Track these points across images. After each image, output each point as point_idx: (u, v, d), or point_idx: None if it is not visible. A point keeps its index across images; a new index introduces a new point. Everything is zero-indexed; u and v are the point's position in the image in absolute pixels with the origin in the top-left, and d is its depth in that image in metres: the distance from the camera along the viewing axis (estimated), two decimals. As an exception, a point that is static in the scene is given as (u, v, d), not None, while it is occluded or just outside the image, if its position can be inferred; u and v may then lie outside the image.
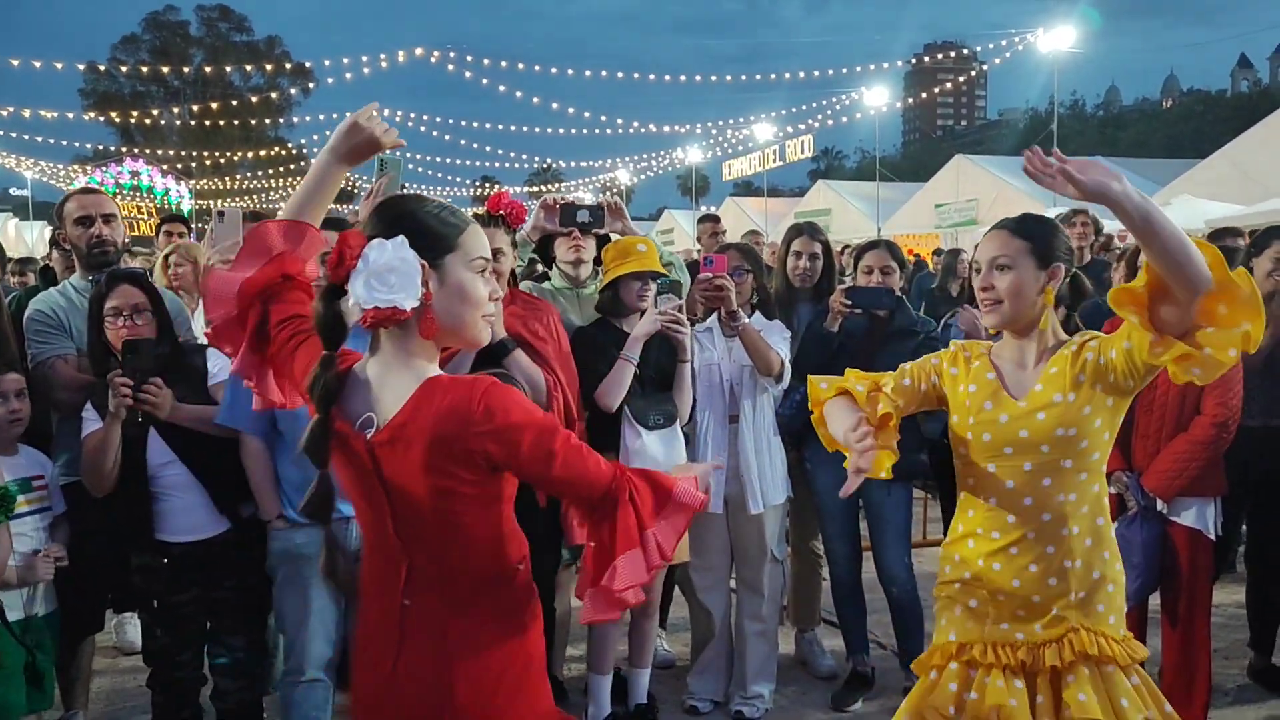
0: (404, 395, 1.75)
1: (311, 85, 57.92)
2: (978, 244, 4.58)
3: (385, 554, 1.84)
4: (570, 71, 32.54)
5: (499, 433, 1.70)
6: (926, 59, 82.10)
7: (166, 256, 5.09)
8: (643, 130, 40.74)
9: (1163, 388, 3.60)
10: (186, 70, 54.66)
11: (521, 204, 3.50)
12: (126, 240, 4.54)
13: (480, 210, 3.52)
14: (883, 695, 4.07)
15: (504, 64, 32.13)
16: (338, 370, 1.78)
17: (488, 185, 56.59)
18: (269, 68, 55.52)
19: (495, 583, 1.86)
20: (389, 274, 1.69)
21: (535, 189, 58.71)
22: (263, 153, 48.25)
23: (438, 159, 44.66)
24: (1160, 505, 3.60)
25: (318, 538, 3.03)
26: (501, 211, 3.42)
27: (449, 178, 48.38)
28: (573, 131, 39.00)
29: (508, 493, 1.85)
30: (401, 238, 1.73)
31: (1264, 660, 4.19)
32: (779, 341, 3.80)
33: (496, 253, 3.40)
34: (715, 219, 7.67)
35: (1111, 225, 14.03)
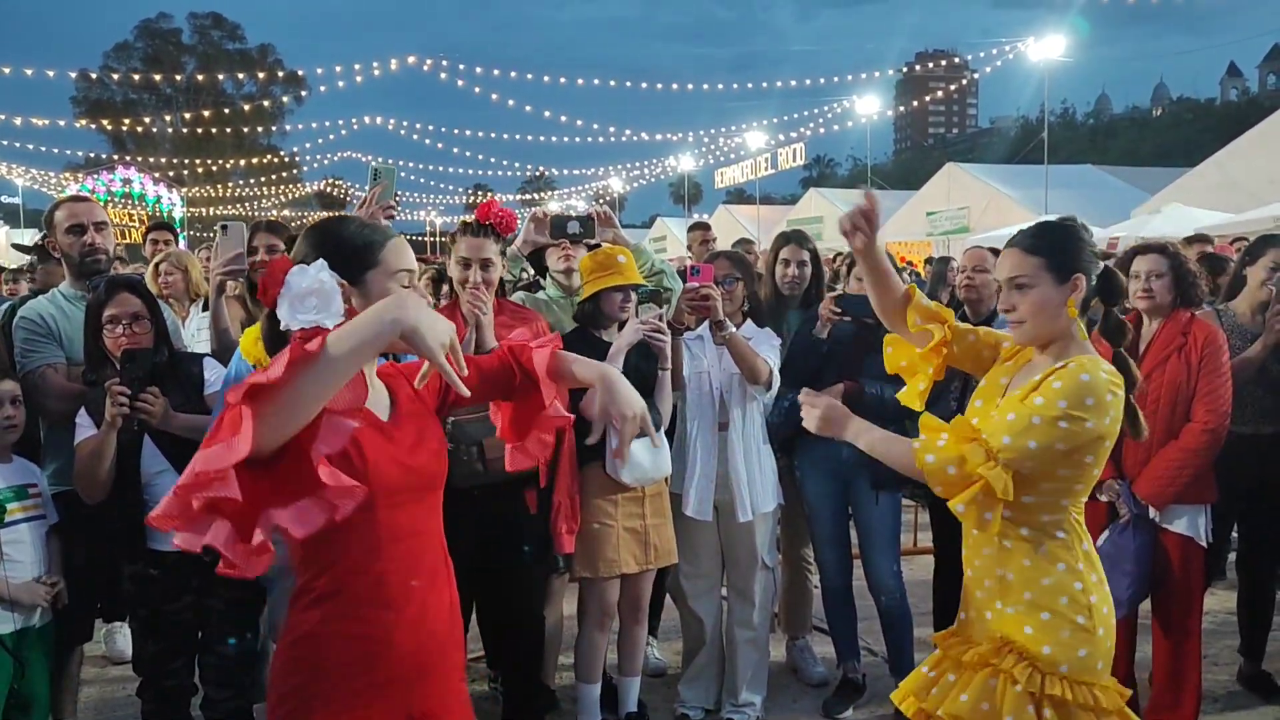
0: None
1: (304, 93, 57.82)
2: (966, 250, 4.60)
3: None
4: (563, 79, 32.67)
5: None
6: (918, 67, 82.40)
7: (157, 265, 5.09)
8: (635, 138, 40.79)
9: (1153, 395, 3.61)
10: (179, 78, 54.64)
11: (512, 212, 3.51)
12: (121, 250, 4.54)
13: (470, 218, 3.53)
14: (873, 702, 4.07)
15: (496, 72, 32.15)
16: None
17: (480, 193, 56.62)
18: (261, 75, 55.48)
19: None
20: (309, 297, 1.78)
21: (528, 197, 58.86)
22: (255, 160, 48.23)
23: (430, 167, 44.79)
24: (1152, 513, 3.61)
25: None
26: (490, 221, 3.42)
27: (441, 185, 48.47)
28: (565, 139, 38.93)
29: None
30: (321, 260, 1.82)
31: (1254, 667, 4.20)
32: (768, 349, 3.81)
33: (485, 262, 3.41)
34: (705, 227, 7.67)
35: (1099, 233, 14.08)
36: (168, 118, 51.91)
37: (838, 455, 3.82)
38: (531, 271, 4.27)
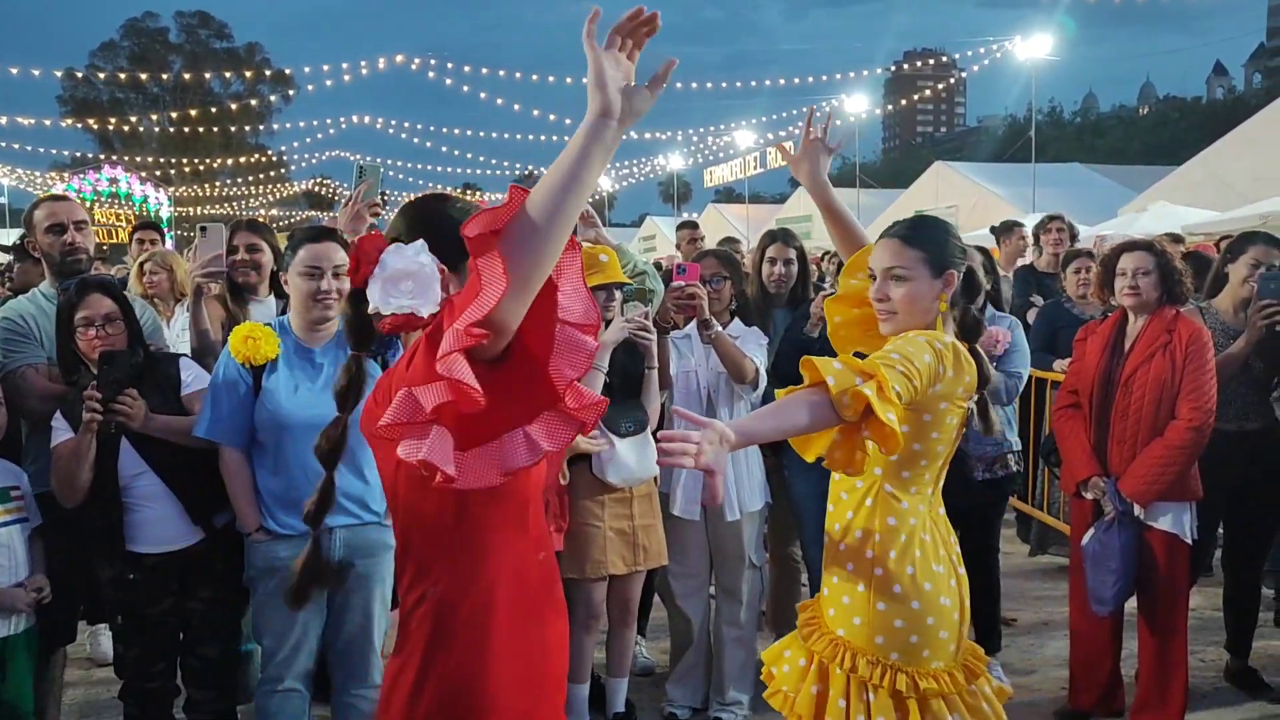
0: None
1: (292, 92, 57.67)
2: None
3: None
4: (551, 78, 32.54)
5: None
6: (906, 66, 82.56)
7: (142, 264, 5.05)
8: (624, 137, 40.59)
9: (1138, 393, 3.62)
10: (165, 77, 54.41)
11: None
12: (106, 249, 4.52)
13: None
14: (862, 701, 4.06)
15: (485, 70, 32.09)
16: (363, 371, 1.83)
17: (469, 192, 56.52)
18: (249, 74, 55.26)
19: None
20: (405, 280, 1.63)
21: (517, 196, 58.63)
22: (243, 159, 48.04)
23: (419, 165, 44.69)
24: (1137, 510, 3.62)
25: (301, 550, 3.00)
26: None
27: (430, 185, 48.27)
28: (554, 138, 38.83)
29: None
30: (421, 242, 1.66)
31: (1240, 663, 4.21)
32: (755, 348, 3.81)
33: None
34: (693, 225, 7.68)
35: (1086, 231, 14.13)
36: (154, 117, 51.67)
37: (824, 454, 3.82)
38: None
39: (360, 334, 1.78)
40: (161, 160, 46.75)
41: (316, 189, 53.40)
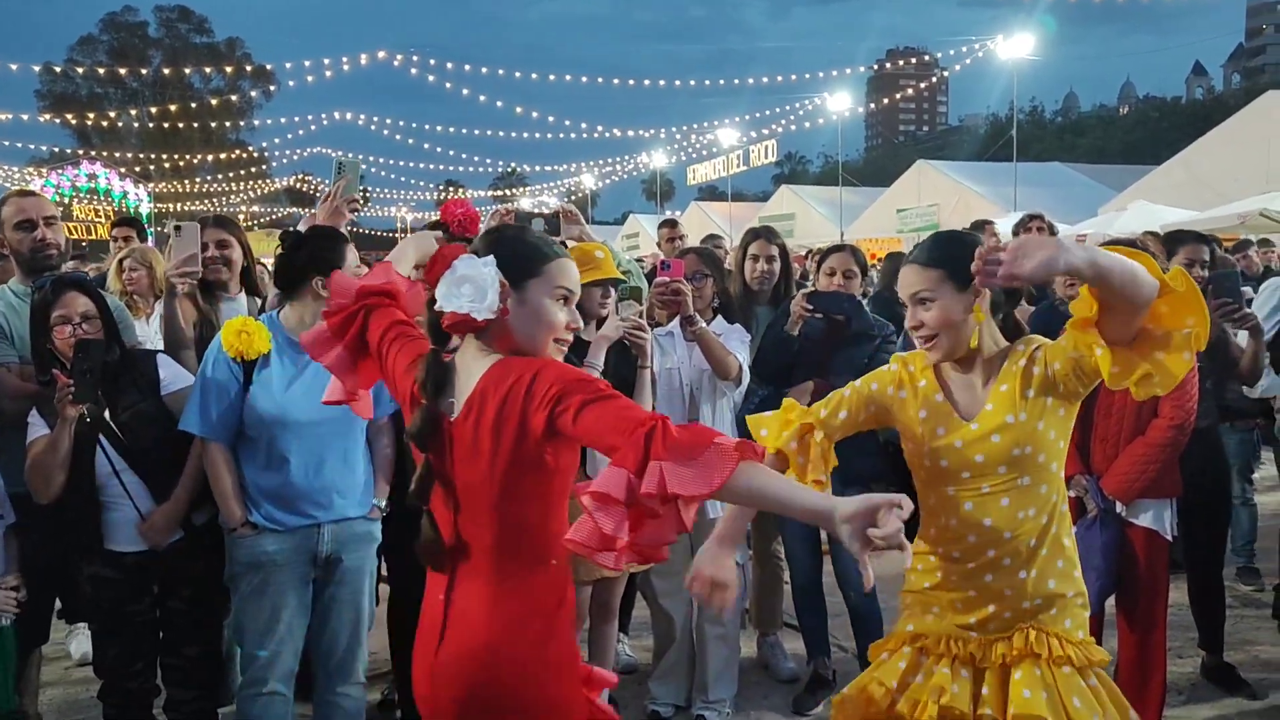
0: (479, 376, 1.93)
1: (273, 88, 57.36)
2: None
3: (435, 532, 1.99)
4: (534, 75, 32.52)
5: (539, 394, 1.82)
6: (888, 65, 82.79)
7: (121, 261, 5.01)
8: (607, 135, 40.75)
9: (1121, 392, 3.63)
10: (145, 72, 53.94)
11: (475, 213, 3.49)
12: (85, 245, 4.48)
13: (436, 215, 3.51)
14: (844, 698, 4.08)
15: (467, 67, 32.04)
16: (445, 362, 2.00)
17: (451, 189, 56.34)
18: (229, 70, 54.94)
19: (534, 569, 1.95)
20: (465, 284, 1.91)
21: (499, 193, 58.54)
22: (223, 156, 47.73)
23: (400, 162, 44.56)
24: (1119, 508, 3.64)
25: (289, 544, 3.01)
26: (447, 221, 3.42)
27: (412, 181, 48.18)
28: (537, 135, 38.82)
29: (559, 485, 1.96)
30: (491, 257, 1.95)
31: (1216, 659, 4.24)
32: (738, 345, 3.81)
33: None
34: (673, 224, 7.66)
35: (1066, 230, 14.20)
36: (134, 112, 51.19)
37: (807, 451, 3.83)
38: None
39: (437, 331, 2.00)
40: (141, 156, 46.39)
41: (298, 185, 53.13)
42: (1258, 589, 5.31)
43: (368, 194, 46.89)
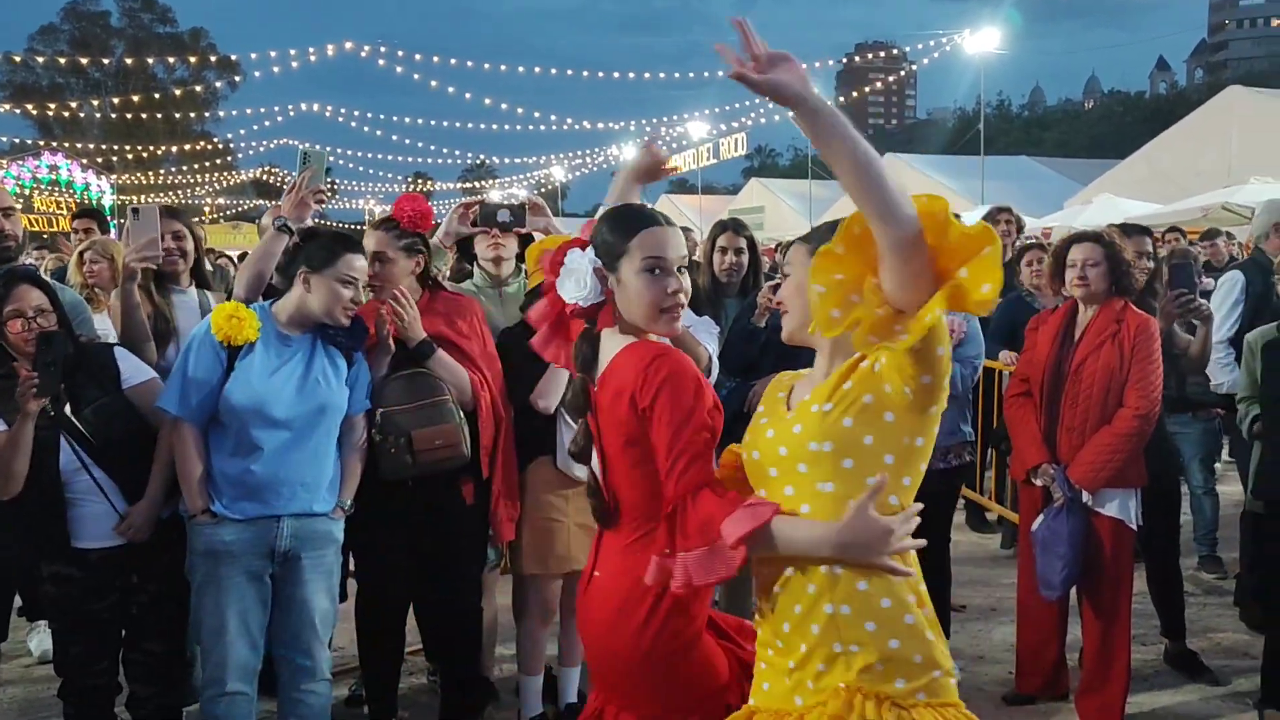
0: (612, 355, 2.12)
1: (238, 78, 56.59)
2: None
3: (596, 489, 2.20)
4: (503, 67, 32.33)
5: (648, 392, 1.99)
6: (857, 58, 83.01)
7: (81, 253, 4.93)
8: (577, 127, 40.66)
9: (1086, 381, 3.67)
10: (107, 62, 53.14)
11: (428, 208, 3.47)
12: (45, 238, 4.39)
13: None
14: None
15: (436, 59, 31.75)
16: (593, 340, 2.19)
17: (420, 181, 55.98)
18: (193, 60, 54.21)
19: (660, 525, 2.07)
20: (571, 276, 2.14)
21: (469, 185, 58.22)
22: (188, 147, 47.16)
23: (369, 154, 44.05)
24: (1085, 497, 3.68)
25: (246, 535, 2.97)
26: (398, 217, 3.40)
27: (380, 174, 47.75)
28: (506, 128, 38.68)
29: None
30: (591, 248, 2.14)
31: (1179, 646, 4.30)
32: (706, 337, 3.80)
33: (380, 256, 3.37)
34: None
35: (1033, 223, 14.31)
36: (96, 102, 50.45)
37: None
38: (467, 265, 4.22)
39: (589, 314, 2.20)
40: (104, 147, 45.69)
41: (265, 177, 52.53)
42: (1220, 577, 5.39)
43: (335, 185, 46.52)
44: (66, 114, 47.24)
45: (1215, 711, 3.92)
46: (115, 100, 44.19)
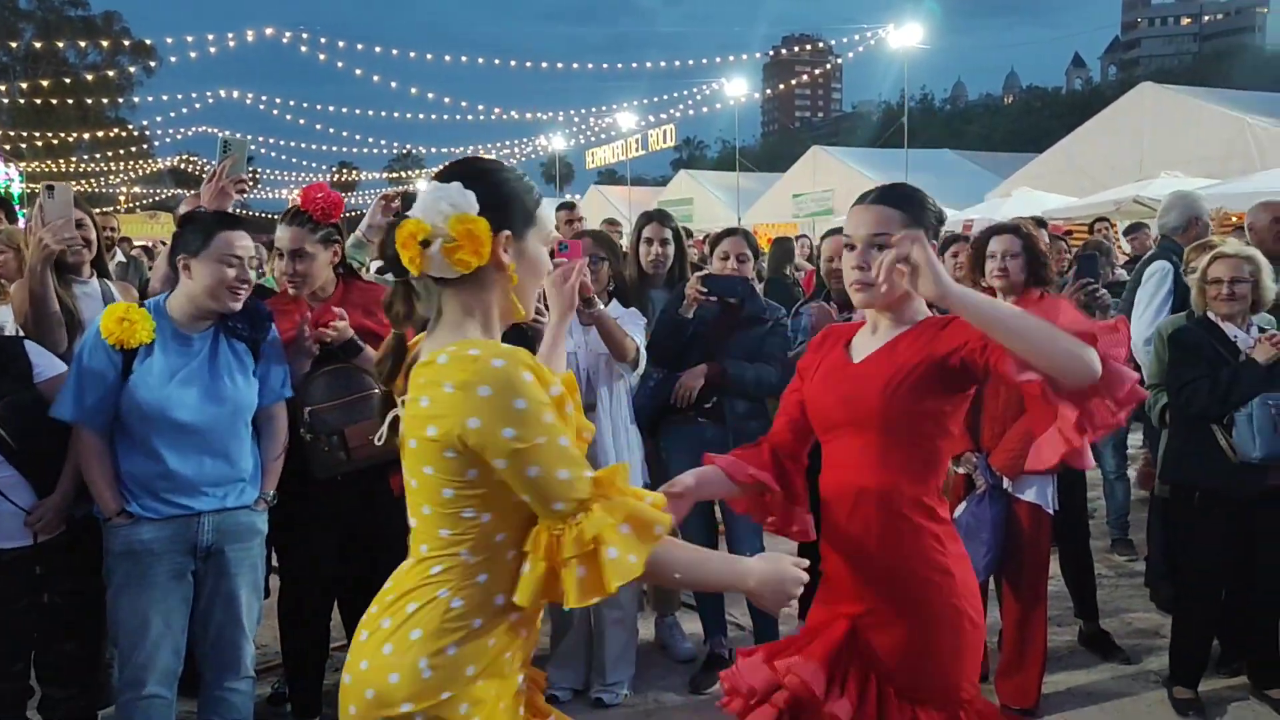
0: None
1: (154, 64, 55.00)
2: (827, 237, 4.68)
3: None
4: (429, 56, 31.90)
5: None
6: (784, 51, 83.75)
7: (-13, 243, 4.75)
8: (505, 117, 40.28)
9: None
10: (15, 45, 51.27)
11: (338, 198, 3.41)
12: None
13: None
14: (741, 676, 4.13)
15: (360, 46, 31.36)
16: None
17: (345, 171, 55.05)
18: (106, 44, 52.53)
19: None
20: None
21: (395, 175, 57.41)
22: (100, 134, 45.69)
23: (292, 143, 43.18)
24: (1006, 483, 3.76)
25: (166, 533, 2.88)
26: (308, 209, 3.33)
27: (305, 163, 46.86)
28: (434, 117, 38.18)
29: None
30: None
31: (1093, 626, 4.42)
32: (635, 329, 3.81)
33: (297, 253, 3.32)
34: (571, 206, 7.62)
35: (955, 216, 14.54)
36: (3, 87, 48.65)
37: (702, 436, 3.86)
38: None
39: None
40: (12, 134, 44.10)
41: (183, 166, 51.24)
42: (1131, 559, 5.56)
43: (257, 175, 45.46)
44: (-29, 99, 45.45)
45: (1127, 690, 4.04)
46: (24, 85, 42.66)
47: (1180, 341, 3.85)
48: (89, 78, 47.04)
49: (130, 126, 51.16)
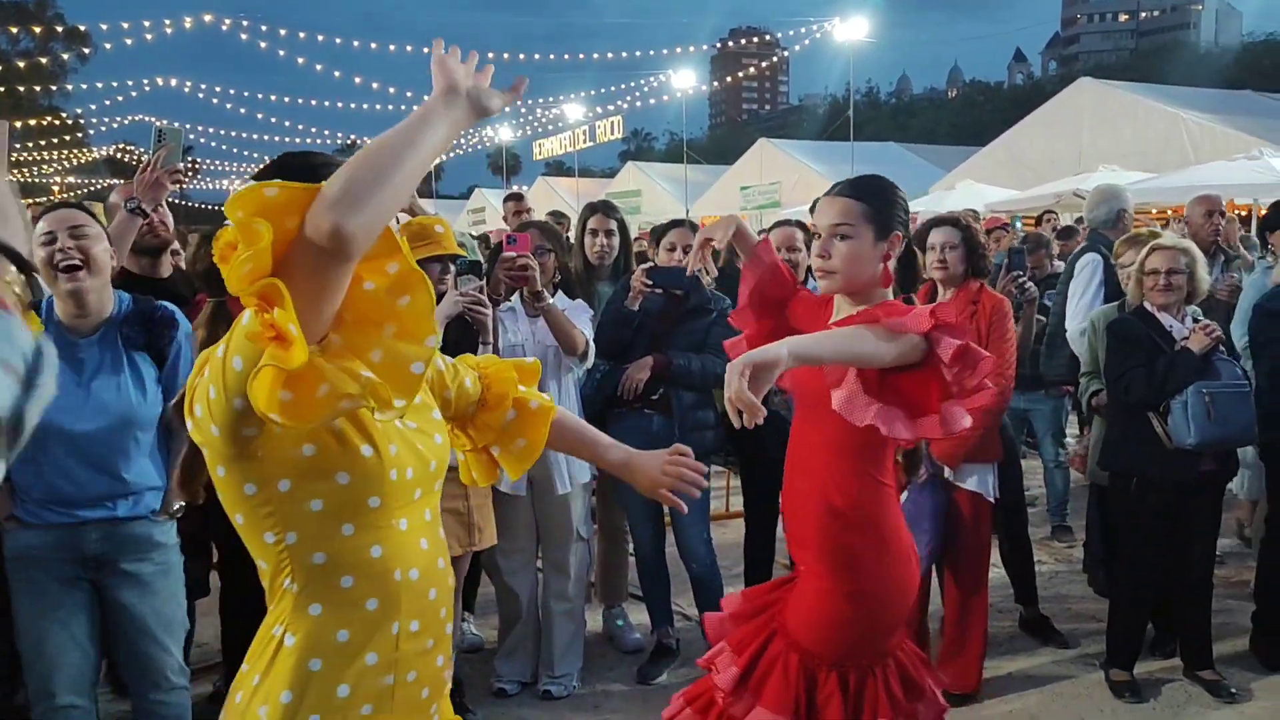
0: None
1: (88, 50, 53.71)
2: (777, 227, 4.71)
3: None
4: (374, 45, 31.51)
5: None
6: (731, 44, 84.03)
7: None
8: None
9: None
10: (-58, 30, 49.78)
11: None
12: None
13: None
14: (687, 665, 4.14)
15: (302, 35, 30.72)
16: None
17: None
18: (38, 30, 51.18)
19: None
20: None
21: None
22: (34, 122, 44.52)
23: (232, 133, 42.41)
24: (947, 472, 3.81)
25: (49, 540, 2.74)
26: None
27: (245, 153, 46.03)
28: (378, 107, 37.60)
29: None
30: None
31: (1033, 611, 4.51)
32: (582, 321, 3.80)
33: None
34: (519, 197, 7.59)
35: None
36: (-69, 74, 47.21)
37: (648, 427, 3.86)
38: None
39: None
40: (-61, 121, 42.83)
41: (119, 155, 50.09)
42: (1070, 545, 5.68)
43: (196, 164, 44.62)
44: (-103, 85, 44.01)
45: (1066, 673, 4.12)
46: (-48, 72, 41.43)
47: (1119, 332, 3.92)
48: (21, 65, 45.79)
49: (64, 115, 49.85)
